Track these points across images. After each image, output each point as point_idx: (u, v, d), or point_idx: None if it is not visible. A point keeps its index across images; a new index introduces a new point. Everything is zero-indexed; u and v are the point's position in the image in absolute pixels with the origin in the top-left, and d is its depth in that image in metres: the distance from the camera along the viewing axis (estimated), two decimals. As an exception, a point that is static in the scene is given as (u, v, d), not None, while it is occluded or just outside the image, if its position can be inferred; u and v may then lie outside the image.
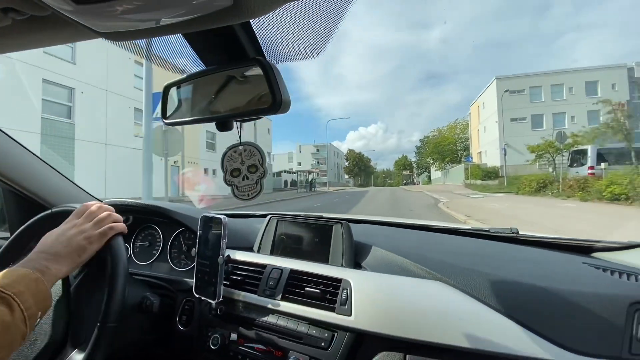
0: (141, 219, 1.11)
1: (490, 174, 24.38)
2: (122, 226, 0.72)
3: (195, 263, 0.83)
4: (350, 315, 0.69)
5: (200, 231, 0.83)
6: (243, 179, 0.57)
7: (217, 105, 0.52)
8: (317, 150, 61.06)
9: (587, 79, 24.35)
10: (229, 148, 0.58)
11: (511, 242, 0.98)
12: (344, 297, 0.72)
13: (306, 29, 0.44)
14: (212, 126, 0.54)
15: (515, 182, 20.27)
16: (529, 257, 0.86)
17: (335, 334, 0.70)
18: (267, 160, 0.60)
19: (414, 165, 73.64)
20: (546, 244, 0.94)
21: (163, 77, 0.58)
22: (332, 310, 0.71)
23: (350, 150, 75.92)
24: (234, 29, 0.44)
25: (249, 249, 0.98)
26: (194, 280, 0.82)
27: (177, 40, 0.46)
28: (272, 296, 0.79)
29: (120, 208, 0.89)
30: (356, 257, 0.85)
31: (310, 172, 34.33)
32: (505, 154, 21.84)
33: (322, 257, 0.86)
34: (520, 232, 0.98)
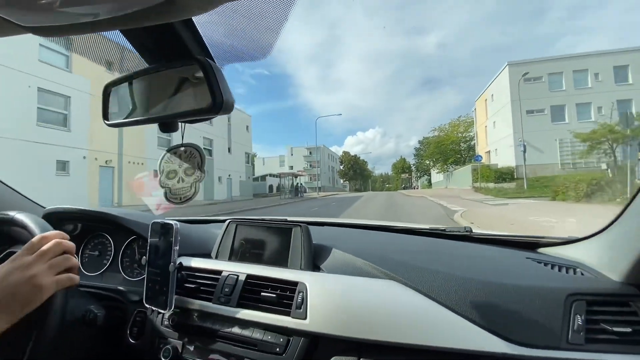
0: (91, 227, 1.09)
1: (505, 175, 20.63)
2: (77, 278, 0.64)
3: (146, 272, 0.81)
4: (305, 318, 0.69)
5: (151, 238, 0.81)
6: (178, 182, 0.56)
7: (160, 105, 0.51)
8: (310, 152, 55.13)
9: (615, 63, 20.69)
10: (169, 149, 0.57)
11: (465, 241, 1.05)
12: (299, 300, 0.72)
13: (251, 29, 0.45)
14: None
15: (536, 184, 16.79)
16: (480, 254, 0.91)
17: (291, 338, 0.70)
18: (248, 163, 0.59)
19: (413, 168, 70.50)
20: (497, 241, 1.02)
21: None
22: (288, 314, 0.71)
23: (345, 153, 69.42)
24: (175, 27, 0.43)
25: (207, 255, 0.96)
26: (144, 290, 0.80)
27: (116, 37, 0.45)
28: (227, 303, 0.78)
29: (67, 216, 1.03)
30: (316, 260, 0.86)
31: (295, 175, 30.07)
32: (524, 151, 18.07)
33: (282, 260, 0.86)
34: (473, 231, 1.07)
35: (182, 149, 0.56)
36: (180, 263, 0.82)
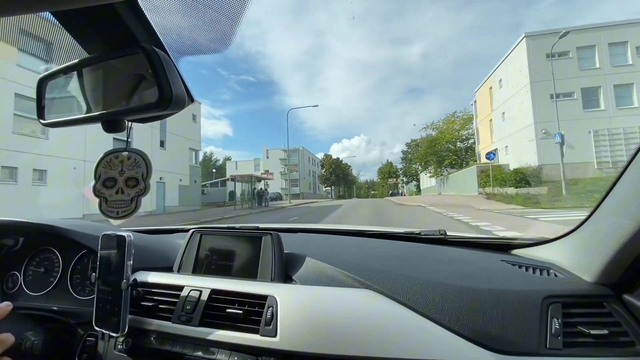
0: (34, 241, 1.00)
1: (529, 177, 15.58)
2: (11, 339, 0.57)
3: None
4: (275, 336, 0.65)
5: (101, 252, 0.74)
6: (117, 192, 0.50)
7: (103, 101, 0.46)
8: (286, 154, 45.96)
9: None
10: (110, 152, 0.52)
11: (440, 244, 1.04)
12: (268, 316, 0.67)
13: (208, 18, 0.42)
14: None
15: (575, 189, 11.83)
16: (455, 258, 0.91)
17: (260, 359, 0.65)
18: (196, 163, 0.49)
19: (399, 173, 63.11)
20: (471, 244, 1.03)
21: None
22: (256, 332, 0.67)
23: (326, 156, 59.37)
24: (117, 10, 0.39)
25: (169, 269, 0.88)
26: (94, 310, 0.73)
27: (48, 22, 0.40)
28: (188, 322, 0.71)
29: (6, 228, 0.94)
30: (288, 270, 0.81)
31: (259, 179, 23.70)
32: (562, 143, 12.97)
33: (251, 272, 0.81)
34: (447, 234, 1.06)
35: (126, 154, 0.51)
36: (135, 279, 0.77)
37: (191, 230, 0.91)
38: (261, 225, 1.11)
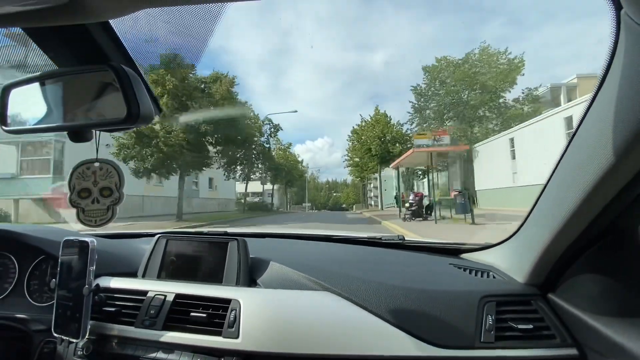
0: None
1: None
2: None
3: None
4: (237, 337, 0.67)
5: (62, 257, 0.73)
6: (93, 202, 0.52)
7: (71, 112, 0.47)
8: None
9: None
10: (82, 163, 0.53)
11: (399, 248, 1.11)
12: (231, 318, 0.69)
13: (177, 37, 0.44)
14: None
15: None
16: (410, 261, 0.98)
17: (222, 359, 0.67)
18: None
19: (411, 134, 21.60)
20: (426, 248, 1.09)
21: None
22: (219, 334, 0.68)
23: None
24: (88, 29, 0.41)
25: (133, 274, 0.88)
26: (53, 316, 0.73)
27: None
28: (152, 326, 0.72)
29: None
30: (253, 274, 0.83)
31: None
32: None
33: (217, 277, 0.82)
34: (405, 239, 1.13)
35: (97, 164, 0.52)
36: (97, 285, 0.76)
37: (157, 235, 0.91)
38: (229, 230, 1.12)
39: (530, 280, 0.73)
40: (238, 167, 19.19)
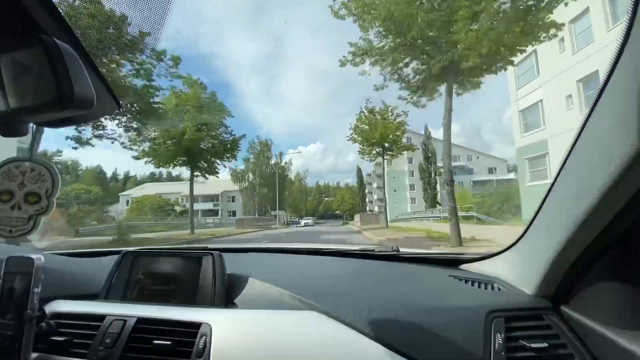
0: None
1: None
2: None
3: None
4: None
5: (4, 277, 0.65)
6: (12, 208, 0.46)
7: None
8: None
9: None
10: (10, 160, 0.47)
11: (394, 260, 1.04)
12: (200, 345, 0.62)
13: (132, 13, 0.39)
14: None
15: None
16: (406, 273, 0.93)
17: None
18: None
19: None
20: (423, 260, 1.03)
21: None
22: None
23: None
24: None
25: (95, 296, 0.80)
26: None
27: None
28: (107, 358, 0.64)
29: None
30: (230, 293, 0.77)
31: None
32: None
33: (189, 296, 0.75)
34: (400, 250, 1.07)
35: (29, 164, 0.46)
36: (43, 310, 0.66)
37: (123, 252, 0.85)
38: (210, 246, 1.04)
39: (540, 292, 0.67)
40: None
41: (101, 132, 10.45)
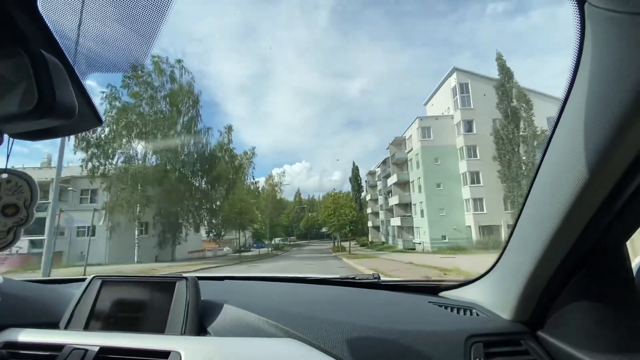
0: None
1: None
2: None
3: None
4: None
5: None
6: None
7: None
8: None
9: None
10: None
11: (374, 288, 1.04)
12: None
13: (122, 31, 0.40)
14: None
15: None
16: (387, 301, 0.93)
17: None
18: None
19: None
20: (403, 287, 1.04)
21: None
22: None
23: None
24: (7, 8, 0.36)
25: (56, 325, 0.75)
26: None
27: None
28: None
29: None
30: (203, 321, 0.73)
31: None
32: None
33: (159, 324, 0.71)
34: (381, 278, 1.09)
35: (5, 176, 0.45)
36: None
37: (91, 277, 0.81)
38: (185, 274, 1.01)
39: (516, 316, 0.68)
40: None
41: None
